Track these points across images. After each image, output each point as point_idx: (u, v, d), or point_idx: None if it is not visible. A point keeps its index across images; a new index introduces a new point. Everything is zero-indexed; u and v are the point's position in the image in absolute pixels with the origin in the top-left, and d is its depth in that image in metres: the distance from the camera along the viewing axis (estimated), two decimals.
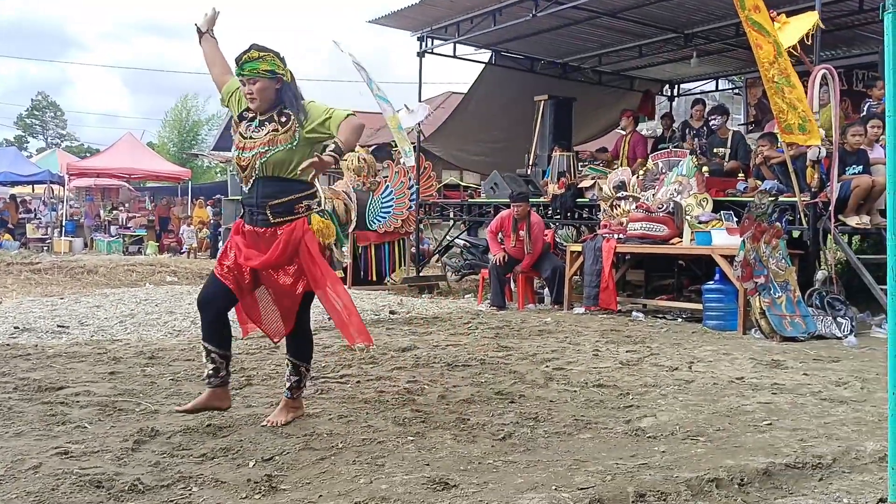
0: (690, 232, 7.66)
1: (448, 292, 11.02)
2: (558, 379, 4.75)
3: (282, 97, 3.51)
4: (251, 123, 3.53)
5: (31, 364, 5.07)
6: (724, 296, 7.12)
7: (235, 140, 3.55)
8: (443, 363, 5.24)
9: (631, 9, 10.65)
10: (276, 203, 3.48)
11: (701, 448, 3.33)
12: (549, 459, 3.16)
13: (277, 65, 3.48)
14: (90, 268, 13.08)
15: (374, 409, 3.97)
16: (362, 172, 11.13)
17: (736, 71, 14.48)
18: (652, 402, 4.19)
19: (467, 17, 11.23)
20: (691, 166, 8.29)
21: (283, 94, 3.51)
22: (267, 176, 3.48)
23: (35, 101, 54.60)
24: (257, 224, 3.52)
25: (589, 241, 8.57)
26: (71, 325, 6.84)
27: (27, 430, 3.47)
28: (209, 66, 3.71)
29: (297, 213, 3.51)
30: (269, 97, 3.49)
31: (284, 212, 3.49)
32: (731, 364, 5.34)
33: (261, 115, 3.52)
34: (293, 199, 3.51)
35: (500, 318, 7.85)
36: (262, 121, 3.51)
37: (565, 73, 13.72)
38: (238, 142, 3.53)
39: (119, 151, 22.26)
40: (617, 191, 8.86)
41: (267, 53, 3.46)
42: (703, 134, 10.33)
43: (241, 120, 3.56)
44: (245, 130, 3.52)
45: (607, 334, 6.67)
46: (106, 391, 4.27)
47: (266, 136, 3.46)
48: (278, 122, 3.48)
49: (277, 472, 2.97)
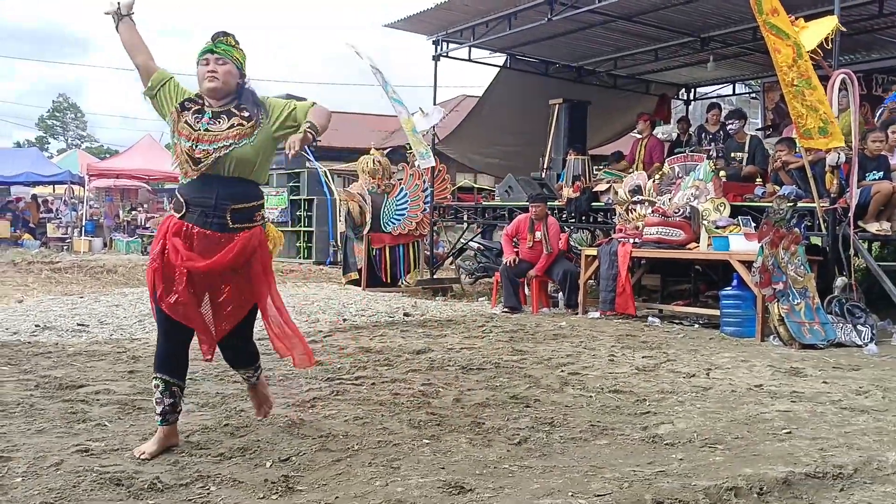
0: (708, 237, 7.62)
1: (462, 295, 11.03)
2: (574, 384, 4.74)
3: (240, 92, 3.30)
4: (200, 115, 3.23)
5: (52, 362, 5.13)
6: (742, 302, 7.07)
7: (181, 129, 3.20)
8: (457, 366, 5.24)
9: (647, 13, 10.62)
10: (238, 208, 3.22)
11: (719, 456, 3.32)
12: (565, 465, 3.15)
13: (244, 62, 3.35)
14: (109, 267, 13.19)
15: (390, 411, 3.98)
16: (377, 175, 11.17)
17: (753, 75, 14.39)
18: (669, 408, 4.17)
19: (482, 21, 11.23)
20: (708, 171, 8.25)
21: (242, 90, 3.32)
22: (229, 175, 3.20)
23: (56, 103, 55.14)
24: (211, 227, 3.18)
25: (604, 245, 8.55)
26: (91, 324, 6.90)
27: (49, 427, 3.51)
28: (132, 52, 3.33)
29: (255, 221, 3.30)
30: (230, 85, 3.27)
31: (244, 219, 3.24)
32: (749, 371, 5.31)
33: (214, 107, 3.26)
34: (254, 205, 3.30)
35: (514, 321, 7.85)
36: (218, 113, 3.24)
37: (580, 77, 13.70)
38: (186, 132, 3.18)
39: (138, 153, 22.41)
40: (633, 195, 8.83)
41: (239, 45, 3.33)
42: (719, 138, 10.28)
43: (182, 110, 3.24)
44: (195, 122, 3.20)
45: (623, 339, 6.64)
46: (125, 390, 4.31)
47: (228, 129, 3.20)
48: (240, 117, 3.24)
49: (294, 473, 2.98)
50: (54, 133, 54.47)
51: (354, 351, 5.80)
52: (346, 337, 6.52)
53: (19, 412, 3.77)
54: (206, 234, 3.18)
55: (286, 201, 17.00)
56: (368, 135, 21.53)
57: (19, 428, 3.48)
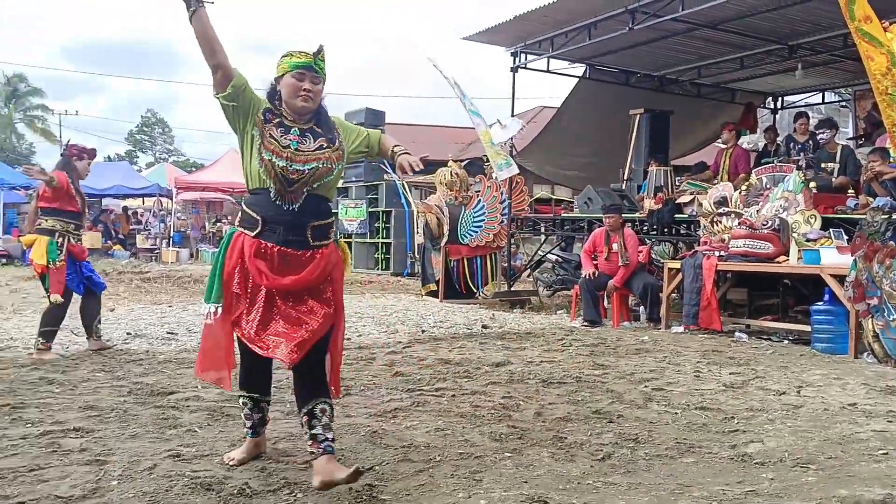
0: (798, 250, 7.38)
1: (540, 308, 10.96)
2: (658, 400, 4.64)
3: (318, 111, 3.15)
4: (286, 131, 3.05)
5: (143, 369, 5.33)
6: (834, 317, 6.82)
7: (268, 144, 3.01)
8: (538, 379, 5.20)
9: (732, 20, 10.37)
10: (318, 225, 3.10)
11: (812, 476, 3.20)
12: (650, 483, 3.09)
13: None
14: (196, 277, 13.61)
15: (471, 423, 3.97)
16: (455, 187, 11.22)
17: (843, 83, 13.89)
18: (759, 427, 4.04)
19: (561, 32, 11.17)
20: (798, 182, 7.98)
21: (321, 109, 3.17)
22: (316, 194, 3.09)
23: (145, 118, 57.36)
24: (292, 245, 3.04)
25: (688, 258, 8.37)
26: (179, 332, 7.14)
27: (142, 432, 3.64)
28: (209, 49, 2.97)
29: (330, 238, 3.19)
30: (317, 105, 3.14)
31: (322, 236, 3.12)
32: (842, 389, 5.10)
33: (299, 124, 3.10)
34: (330, 222, 3.21)
35: (594, 335, 7.75)
36: (303, 131, 3.09)
37: (662, 86, 13.47)
38: (275, 148, 3.01)
39: (223, 166, 23.14)
40: (718, 206, 8.61)
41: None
42: (808, 148, 9.94)
43: (265, 122, 3.06)
44: (281, 137, 3.03)
45: (709, 355, 6.47)
46: (214, 397, 4.43)
47: (317, 150, 3.07)
48: (325, 139, 3.11)
49: (378, 482, 3.01)
50: (143, 147, 56.63)
51: (434, 362, 5.82)
52: (425, 348, 6.55)
53: (114, 417, 3.92)
54: (287, 253, 3.03)
55: (365, 213, 17.25)
56: (446, 147, 21.67)
57: (114, 433, 3.62)
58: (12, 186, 20.94)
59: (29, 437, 3.50)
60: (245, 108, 3.05)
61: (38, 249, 5.93)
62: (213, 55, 2.97)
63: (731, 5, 9.53)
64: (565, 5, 10.20)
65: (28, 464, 3.10)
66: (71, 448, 3.34)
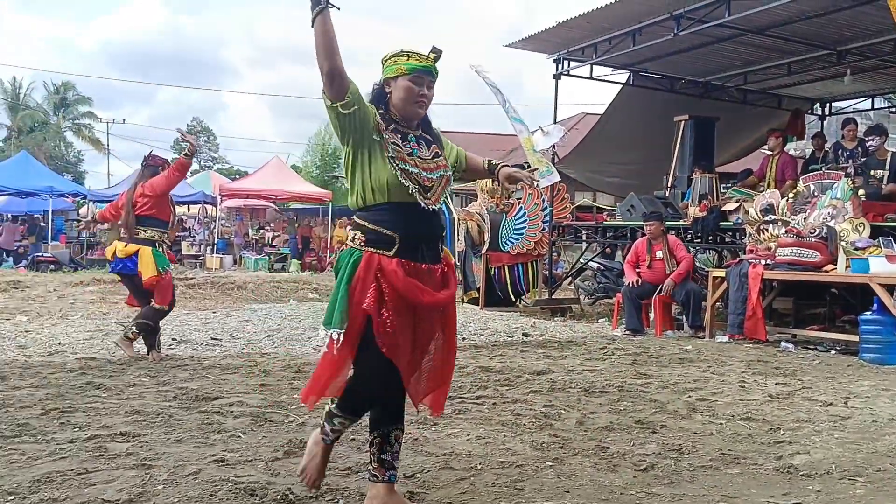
0: (846, 259, 7.22)
1: (581, 316, 10.88)
2: (702, 410, 4.58)
3: (424, 117, 2.95)
4: (405, 138, 2.84)
5: (188, 374, 5.41)
6: (883, 327, 6.67)
7: (396, 152, 2.78)
8: (579, 388, 5.16)
9: (779, 26, 10.22)
10: (442, 236, 2.95)
11: (860, 489, 3.14)
12: (695, 494, 3.04)
13: None
14: (240, 284, 13.79)
15: (512, 431, 3.96)
16: (496, 194, 11.22)
17: (893, 89, 13.62)
18: (805, 438, 3.96)
19: (605, 39, 11.11)
20: (847, 189, 7.82)
21: (426, 116, 2.95)
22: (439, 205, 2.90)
23: (190, 127, 58.34)
24: (426, 260, 2.81)
25: (734, 266, 8.24)
26: (223, 338, 7.24)
27: (187, 437, 3.69)
28: (331, 51, 2.66)
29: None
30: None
31: (441, 248, 2.95)
32: (890, 401, 4.98)
33: (412, 131, 2.89)
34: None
35: (636, 343, 7.67)
36: (417, 138, 2.89)
37: (707, 92, 13.30)
38: (401, 156, 2.79)
39: (267, 174, 23.42)
40: (764, 214, 8.48)
41: None
42: (857, 155, 9.73)
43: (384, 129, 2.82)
44: (402, 144, 2.82)
45: (754, 365, 6.36)
46: (257, 402, 4.48)
47: (435, 158, 2.91)
48: (437, 146, 2.95)
49: (420, 490, 3.02)
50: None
51: (474, 370, 5.81)
52: (465, 356, 6.54)
53: (159, 422, 3.99)
54: (421, 269, 2.79)
55: None
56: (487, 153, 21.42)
57: (159, 437, 3.68)
58: (61, 194, 21.44)
59: (76, 441, 3.57)
60: (363, 115, 2.77)
61: (146, 263, 5.96)
62: (333, 59, 2.66)
63: (777, 11, 9.40)
64: (609, 12, 10.15)
65: (76, 468, 3.16)
66: (117, 452, 3.40)
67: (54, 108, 45.84)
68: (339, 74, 2.69)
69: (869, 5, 9.03)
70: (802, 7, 9.47)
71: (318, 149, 43.59)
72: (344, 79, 2.70)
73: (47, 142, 44.21)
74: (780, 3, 8.89)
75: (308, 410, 4.28)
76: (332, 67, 2.66)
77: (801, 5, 9.35)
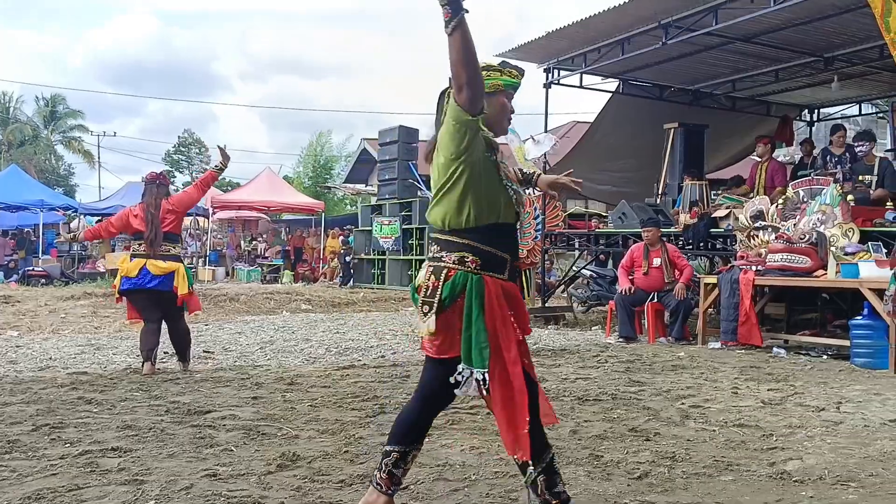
0: (836, 264, 7.25)
1: (574, 324, 10.89)
2: (695, 417, 4.58)
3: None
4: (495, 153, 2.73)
5: (180, 388, 5.39)
6: (874, 332, 6.69)
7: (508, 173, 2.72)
8: (573, 397, 5.16)
9: (766, 33, 10.28)
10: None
11: (853, 494, 3.15)
12: (689, 501, 3.05)
13: None
14: (232, 296, 13.77)
15: None
16: None
17: (880, 94, 13.69)
18: (798, 444, 3.97)
19: (594, 48, 11.16)
20: (836, 195, 7.86)
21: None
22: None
23: (181, 138, 58.25)
24: (513, 279, 2.73)
25: (725, 272, 8.26)
26: (215, 351, 7.22)
27: (179, 451, 3.68)
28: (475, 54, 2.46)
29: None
30: None
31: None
32: (882, 405, 4.99)
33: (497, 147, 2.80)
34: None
35: (629, 351, 7.68)
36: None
37: (696, 100, 13.37)
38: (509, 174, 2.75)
39: (259, 185, 23.41)
40: (755, 220, 8.51)
41: None
42: (845, 160, 9.79)
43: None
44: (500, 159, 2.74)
45: (746, 371, 6.38)
46: (249, 415, 4.47)
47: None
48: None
49: (413, 501, 3.01)
50: (180, 167, 57.44)
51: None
52: None
53: (151, 437, 3.97)
54: (507, 288, 2.69)
55: (398, 230, 17.31)
56: None
57: (151, 452, 3.66)
58: (51, 207, 21.37)
59: (68, 456, 3.56)
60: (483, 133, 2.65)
61: (182, 279, 6.11)
62: (476, 66, 2.48)
63: (764, 18, 9.45)
64: (598, 21, 10.19)
65: (67, 484, 3.15)
66: (109, 468, 3.39)
67: (44, 122, 45.75)
68: (481, 83, 2.53)
69: (854, 12, 9.09)
70: (789, 15, 9.54)
71: (310, 159, 43.64)
72: (483, 88, 2.54)
73: (38, 155, 44.05)
74: (767, 11, 8.95)
75: (301, 423, 4.27)
76: (472, 75, 2.47)
77: (787, 13, 9.41)
